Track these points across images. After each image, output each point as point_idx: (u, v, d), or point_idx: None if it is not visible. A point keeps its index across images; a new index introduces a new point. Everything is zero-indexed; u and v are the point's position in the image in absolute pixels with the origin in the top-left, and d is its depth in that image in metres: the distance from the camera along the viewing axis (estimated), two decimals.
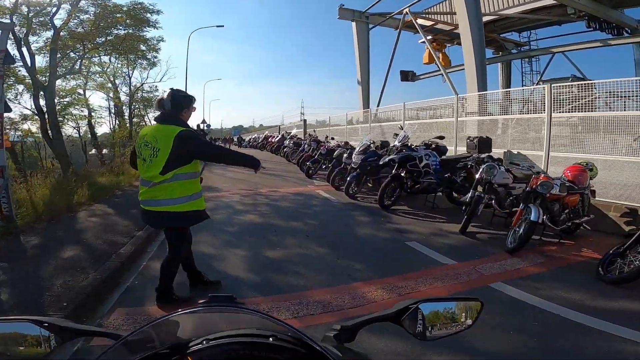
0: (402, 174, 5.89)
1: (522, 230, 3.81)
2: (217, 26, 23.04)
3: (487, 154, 5.53)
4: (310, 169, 9.76)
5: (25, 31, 10.26)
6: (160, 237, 4.30)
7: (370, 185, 7.32)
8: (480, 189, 4.58)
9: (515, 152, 6.59)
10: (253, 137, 33.72)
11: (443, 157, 6.29)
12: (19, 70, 11.76)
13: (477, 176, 4.67)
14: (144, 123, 24.89)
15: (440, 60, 20.45)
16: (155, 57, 18.65)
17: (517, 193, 4.63)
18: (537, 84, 19.67)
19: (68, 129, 19.71)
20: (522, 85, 19.09)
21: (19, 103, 15.09)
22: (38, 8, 10.10)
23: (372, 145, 6.99)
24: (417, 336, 0.72)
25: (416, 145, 6.07)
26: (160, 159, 2.35)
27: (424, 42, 20.85)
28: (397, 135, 6.40)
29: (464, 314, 0.75)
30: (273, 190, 7.83)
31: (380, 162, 6.07)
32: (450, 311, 0.75)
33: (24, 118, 14.60)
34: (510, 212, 4.63)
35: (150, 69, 26.57)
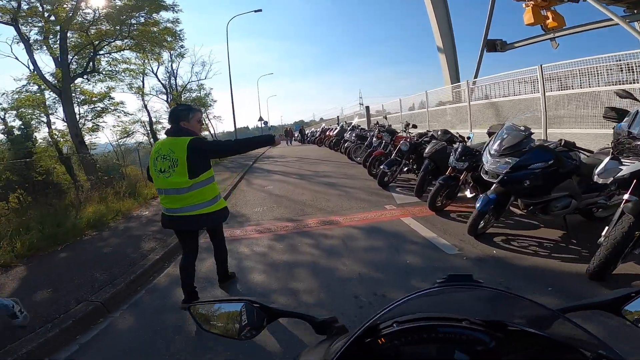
0: None
1: None
2: (255, 11, 20.30)
3: None
4: (386, 174, 6.37)
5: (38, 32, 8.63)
6: None
7: (522, 211, 3.71)
8: None
9: None
10: (311, 131, 30.95)
11: None
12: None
13: None
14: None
15: (551, 19, 15.22)
16: (183, 46, 16.79)
17: None
18: None
19: (139, 136, 19.01)
20: None
21: (55, 112, 14.25)
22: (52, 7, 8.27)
23: (527, 138, 3.37)
24: None
25: None
26: (182, 166, 2.46)
27: None
28: (613, 112, 2.70)
29: None
30: (329, 221, 4.66)
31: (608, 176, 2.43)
32: None
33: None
34: None
35: (190, 63, 24.83)
